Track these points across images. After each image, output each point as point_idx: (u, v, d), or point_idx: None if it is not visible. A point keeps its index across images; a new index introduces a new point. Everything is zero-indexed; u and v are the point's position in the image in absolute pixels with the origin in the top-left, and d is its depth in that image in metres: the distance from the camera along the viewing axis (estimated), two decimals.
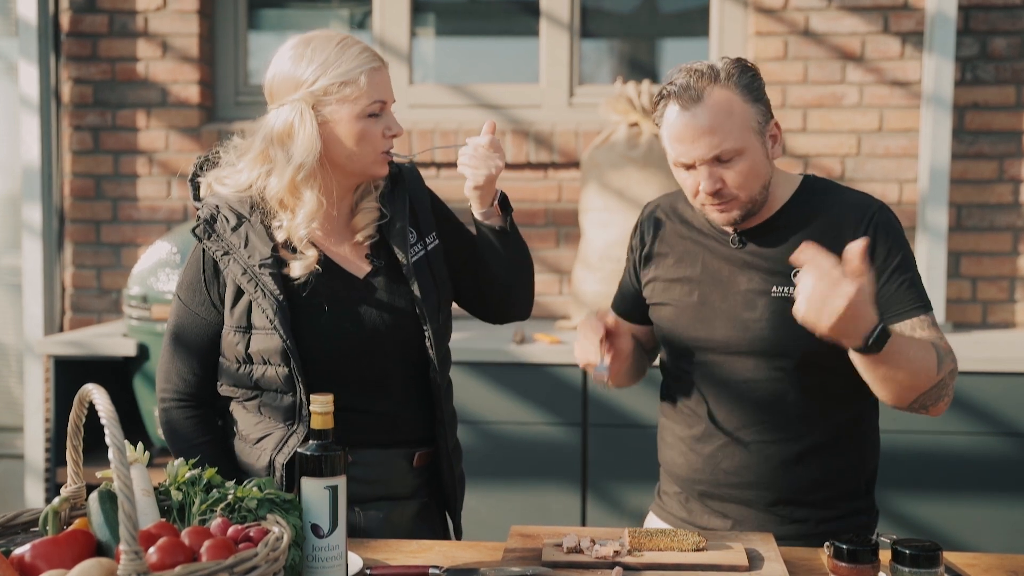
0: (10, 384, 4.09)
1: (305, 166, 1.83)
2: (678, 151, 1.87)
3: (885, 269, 1.89)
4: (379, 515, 1.93)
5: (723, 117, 1.84)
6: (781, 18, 3.70)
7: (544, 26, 3.87)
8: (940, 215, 3.59)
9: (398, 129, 1.89)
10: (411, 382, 1.96)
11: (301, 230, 1.86)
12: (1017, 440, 3.11)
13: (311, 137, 1.82)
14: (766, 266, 1.92)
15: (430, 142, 3.74)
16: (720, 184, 1.86)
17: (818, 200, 1.96)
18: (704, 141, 1.84)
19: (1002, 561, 1.72)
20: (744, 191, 1.87)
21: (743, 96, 1.86)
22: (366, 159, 1.87)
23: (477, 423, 3.22)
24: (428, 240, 2.00)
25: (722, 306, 1.94)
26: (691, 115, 1.84)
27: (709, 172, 1.86)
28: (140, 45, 3.87)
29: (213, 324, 1.91)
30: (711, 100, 1.84)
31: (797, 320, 1.67)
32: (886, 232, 1.91)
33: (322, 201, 1.86)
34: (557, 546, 1.71)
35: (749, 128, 1.86)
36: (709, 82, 1.85)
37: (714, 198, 1.87)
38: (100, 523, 1.42)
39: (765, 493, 1.94)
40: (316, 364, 1.87)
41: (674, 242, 2.03)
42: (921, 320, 1.87)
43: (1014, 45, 3.65)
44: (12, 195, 4.05)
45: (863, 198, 1.96)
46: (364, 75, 1.83)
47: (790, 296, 1.88)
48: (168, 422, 1.95)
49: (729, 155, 1.85)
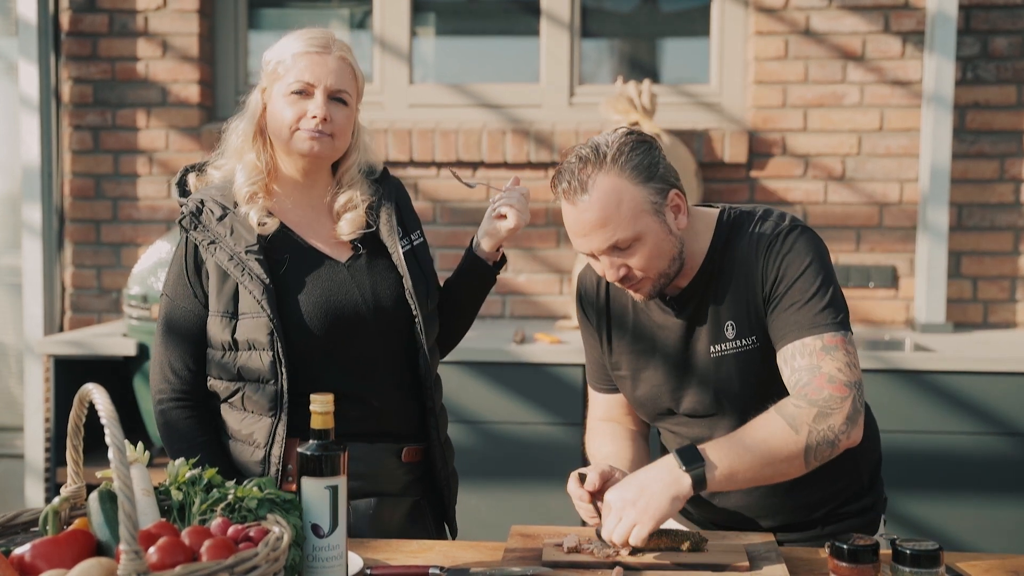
0: (10, 384, 4.09)
1: (245, 132, 1.98)
2: (576, 243, 1.83)
3: (775, 296, 1.82)
4: (367, 510, 1.94)
5: (612, 208, 1.76)
6: (782, 17, 3.69)
7: (544, 26, 3.87)
8: (941, 215, 3.59)
9: (318, 112, 1.93)
10: (398, 371, 1.98)
11: (243, 188, 1.96)
12: (1017, 440, 3.11)
13: (253, 106, 1.99)
14: (701, 328, 1.88)
15: (430, 142, 3.73)
16: (624, 270, 1.81)
17: (733, 241, 1.88)
18: (596, 234, 1.78)
19: (1002, 561, 1.72)
20: (650, 271, 1.82)
21: (632, 179, 1.77)
22: (284, 133, 1.95)
23: (477, 423, 3.21)
24: (414, 236, 2.05)
25: (675, 374, 1.90)
26: (579, 210, 1.77)
27: (610, 261, 1.81)
28: (140, 45, 3.87)
29: (201, 315, 1.95)
30: (597, 191, 1.76)
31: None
32: (778, 255, 1.82)
33: (258, 166, 1.97)
34: (558, 546, 1.71)
35: (643, 212, 1.78)
36: (594, 169, 1.77)
37: (623, 283, 1.84)
38: (100, 523, 1.42)
39: (768, 521, 1.93)
40: (300, 347, 1.90)
41: (621, 312, 1.97)
42: (804, 343, 1.76)
43: (1015, 44, 3.65)
44: (12, 195, 4.04)
45: (768, 225, 1.87)
46: (292, 56, 1.94)
47: (725, 353, 1.85)
48: (166, 422, 1.95)
49: (626, 243, 1.79)
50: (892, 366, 3.11)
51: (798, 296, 1.79)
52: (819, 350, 1.74)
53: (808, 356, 1.74)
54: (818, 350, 1.74)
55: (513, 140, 3.74)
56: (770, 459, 1.69)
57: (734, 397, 1.86)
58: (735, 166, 3.72)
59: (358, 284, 1.96)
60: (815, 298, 1.78)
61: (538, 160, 3.74)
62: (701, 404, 1.89)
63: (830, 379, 1.72)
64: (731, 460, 1.67)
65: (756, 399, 1.80)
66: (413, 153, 3.75)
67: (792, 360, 1.76)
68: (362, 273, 1.97)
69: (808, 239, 1.83)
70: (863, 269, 3.71)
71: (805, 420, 1.70)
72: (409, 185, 3.77)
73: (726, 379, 1.85)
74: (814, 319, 1.76)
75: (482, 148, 3.73)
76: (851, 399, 1.72)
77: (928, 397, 3.11)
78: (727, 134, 3.67)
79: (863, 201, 3.71)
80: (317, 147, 1.94)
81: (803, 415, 1.70)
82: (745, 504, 1.92)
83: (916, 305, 3.69)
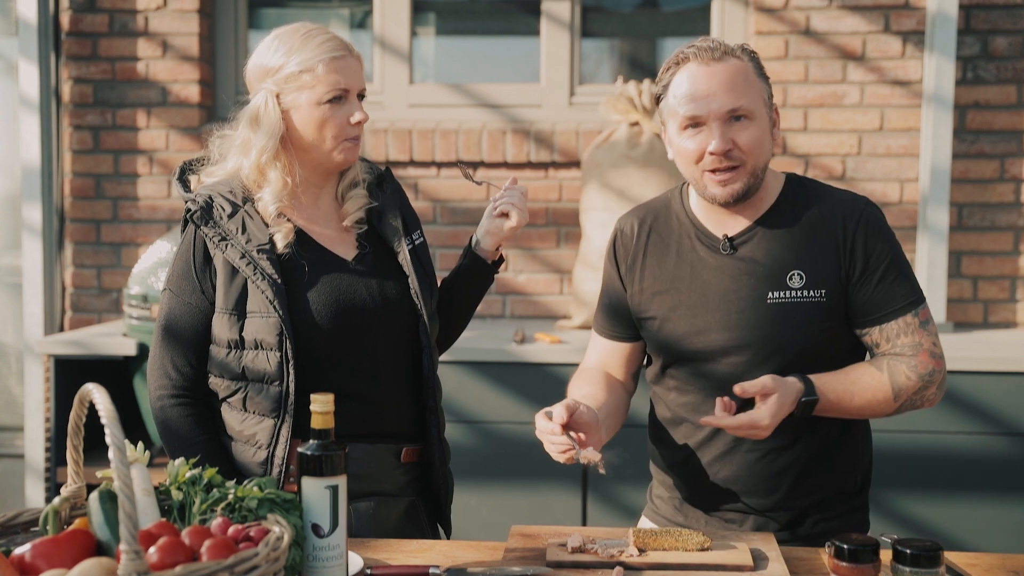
0: (10, 384, 4.09)
1: (267, 149, 1.92)
2: (691, 108, 1.86)
3: (871, 270, 1.89)
4: (367, 510, 1.94)
5: (741, 79, 1.86)
6: (782, 17, 3.69)
7: (545, 25, 3.87)
8: (941, 214, 3.59)
9: (361, 116, 1.94)
10: (401, 370, 1.99)
11: (270, 207, 1.93)
12: (1017, 440, 3.11)
13: (273, 121, 1.92)
14: (759, 272, 1.90)
15: (430, 141, 3.73)
16: (730, 144, 1.85)
17: (805, 198, 1.94)
18: (723, 95, 1.84)
19: (1003, 561, 1.72)
20: (752, 157, 1.86)
21: (756, 71, 1.90)
22: (326, 145, 1.93)
23: (477, 422, 3.22)
24: (415, 236, 2.05)
25: (716, 315, 1.91)
26: (711, 71, 1.85)
27: (722, 130, 1.85)
28: (140, 44, 3.87)
29: (205, 312, 1.94)
30: (731, 63, 1.87)
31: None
32: (874, 231, 1.90)
33: (287, 181, 1.94)
34: (561, 546, 1.71)
35: (761, 99, 1.88)
36: (727, 52, 1.88)
37: (723, 159, 1.85)
38: (100, 523, 1.42)
39: (763, 500, 1.94)
40: (308, 347, 1.90)
41: (660, 253, 1.99)
42: (906, 322, 1.89)
43: (1015, 44, 3.65)
44: (12, 195, 4.04)
45: (849, 195, 1.96)
46: (322, 63, 1.90)
47: (785, 301, 1.88)
48: (165, 420, 1.94)
49: (745, 113, 1.85)
50: None
51: (895, 271, 1.90)
52: (918, 327, 1.90)
53: (911, 334, 1.90)
54: (917, 327, 1.90)
55: (513, 140, 3.74)
56: (861, 410, 1.88)
57: (779, 347, 1.88)
58: None
59: (365, 283, 1.96)
60: (905, 272, 1.92)
61: (538, 160, 3.74)
62: (737, 348, 1.90)
63: (932, 354, 1.90)
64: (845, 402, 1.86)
65: (799, 352, 1.88)
66: (413, 153, 3.75)
67: (896, 338, 1.90)
68: (369, 272, 1.97)
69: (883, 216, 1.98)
70: None
71: (907, 391, 1.88)
72: (409, 185, 3.77)
73: (779, 327, 1.88)
74: (909, 294, 1.91)
75: (482, 148, 3.73)
76: (944, 369, 1.92)
77: None
78: None
79: None
80: (353, 155, 1.96)
81: (910, 387, 1.88)
82: (737, 477, 1.93)
83: None
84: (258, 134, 1.93)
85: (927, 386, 1.89)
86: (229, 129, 2.01)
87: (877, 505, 3.13)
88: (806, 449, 1.92)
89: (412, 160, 3.77)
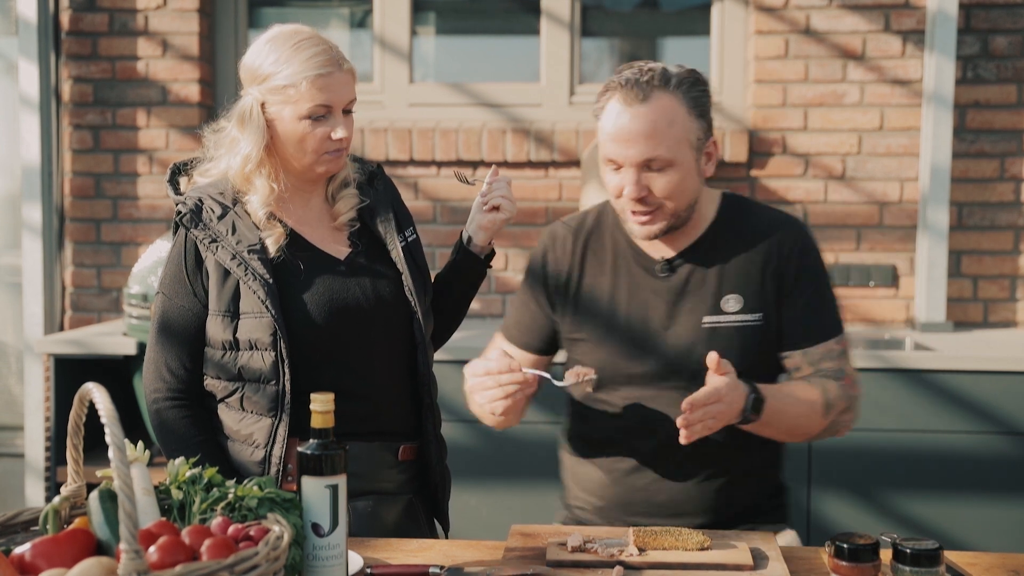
0: (10, 383, 4.09)
1: (251, 158, 1.92)
2: (610, 149, 1.83)
3: (800, 292, 1.87)
4: (366, 509, 1.94)
5: (663, 125, 1.79)
6: (782, 16, 3.69)
7: (545, 25, 3.87)
8: (941, 214, 3.59)
9: (344, 134, 1.92)
10: (396, 368, 1.99)
11: (259, 212, 1.93)
12: (1017, 440, 3.11)
13: (257, 129, 1.92)
14: (694, 296, 1.88)
15: (430, 141, 3.73)
16: (645, 191, 1.82)
17: (740, 219, 1.92)
18: (640, 144, 1.79)
19: (1003, 560, 1.72)
20: (671, 201, 1.83)
21: (688, 109, 1.81)
22: (306, 159, 1.94)
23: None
24: (407, 233, 2.05)
25: (652, 339, 1.89)
26: (633, 113, 1.80)
27: (637, 178, 1.81)
28: (140, 44, 3.87)
29: (198, 314, 1.94)
30: (656, 104, 1.79)
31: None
32: (808, 254, 1.89)
33: (273, 187, 1.94)
34: (561, 545, 1.71)
35: (687, 141, 1.82)
36: (659, 85, 1.80)
37: (638, 204, 1.83)
38: (100, 522, 1.42)
39: (697, 519, 1.94)
40: (303, 346, 1.90)
41: (596, 272, 1.96)
42: (830, 347, 1.89)
43: (1015, 43, 3.65)
44: (12, 194, 4.04)
45: (785, 216, 1.94)
46: (306, 81, 1.88)
47: (719, 325, 1.87)
48: (161, 422, 1.94)
49: (660, 164, 1.80)
50: (892, 365, 3.11)
51: (823, 296, 1.90)
52: (840, 354, 1.90)
53: (835, 360, 1.89)
54: (840, 354, 1.89)
55: (513, 139, 3.74)
56: (791, 431, 1.86)
57: (692, 371, 1.86)
58: (735, 165, 3.72)
59: (359, 281, 1.96)
60: (832, 300, 1.92)
61: (538, 159, 3.74)
62: (674, 373, 1.88)
63: (855, 381, 1.91)
64: (783, 413, 1.81)
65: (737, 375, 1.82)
66: (413, 152, 3.75)
67: (820, 362, 1.88)
68: (362, 270, 1.98)
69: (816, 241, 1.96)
70: (863, 268, 3.71)
71: (836, 409, 1.86)
72: (409, 185, 3.77)
73: (700, 351, 1.84)
74: (835, 321, 1.90)
75: (482, 147, 3.73)
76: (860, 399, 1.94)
77: (928, 396, 3.11)
78: (727, 133, 3.67)
79: (863, 200, 3.71)
80: (336, 166, 1.96)
81: (839, 405, 1.87)
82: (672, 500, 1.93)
83: (916, 304, 3.69)
84: (244, 137, 1.93)
85: (849, 409, 1.90)
86: (224, 120, 2.00)
87: (877, 505, 3.13)
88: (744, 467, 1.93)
89: (412, 159, 3.77)
